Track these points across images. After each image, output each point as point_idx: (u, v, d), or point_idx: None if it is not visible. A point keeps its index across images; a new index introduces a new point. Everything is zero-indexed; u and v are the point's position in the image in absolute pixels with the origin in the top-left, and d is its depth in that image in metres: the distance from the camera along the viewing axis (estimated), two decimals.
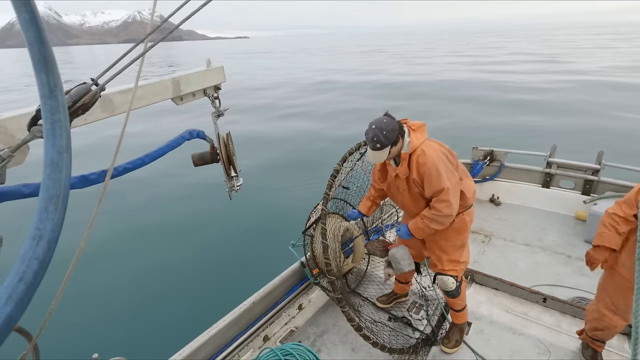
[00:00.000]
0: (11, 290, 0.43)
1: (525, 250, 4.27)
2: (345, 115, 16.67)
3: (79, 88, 1.05)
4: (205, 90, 1.82)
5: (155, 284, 5.90)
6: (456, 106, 17.29)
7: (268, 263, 4.96)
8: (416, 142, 2.37)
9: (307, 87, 26.60)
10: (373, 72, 34.38)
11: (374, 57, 55.19)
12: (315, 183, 8.39)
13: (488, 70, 30.37)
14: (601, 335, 2.65)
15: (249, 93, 24.45)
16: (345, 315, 2.65)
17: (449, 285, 2.77)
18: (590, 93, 18.69)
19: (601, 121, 13.50)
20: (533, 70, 29.71)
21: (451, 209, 2.38)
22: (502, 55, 46.35)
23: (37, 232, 0.46)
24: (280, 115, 17.72)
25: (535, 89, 20.60)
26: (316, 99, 21.57)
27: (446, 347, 2.97)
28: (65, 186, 0.50)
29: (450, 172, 2.40)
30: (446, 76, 28.31)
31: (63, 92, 0.54)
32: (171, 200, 9.00)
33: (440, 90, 21.87)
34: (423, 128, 2.48)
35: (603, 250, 2.42)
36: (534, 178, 5.23)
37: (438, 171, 2.33)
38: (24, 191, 1.21)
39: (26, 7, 0.50)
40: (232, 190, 1.97)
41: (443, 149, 2.49)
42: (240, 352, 2.85)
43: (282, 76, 34.95)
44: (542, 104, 16.84)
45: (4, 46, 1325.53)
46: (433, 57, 48.56)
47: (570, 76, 24.79)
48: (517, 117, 14.67)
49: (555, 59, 35.18)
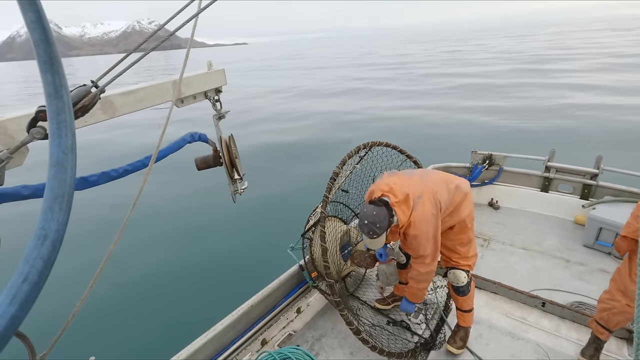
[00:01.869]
0: (15, 291, 0.43)
1: (524, 255, 4.28)
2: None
3: (79, 90, 1.05)
4: (206, 92, 1.82)
5: (155, 286, 5.88)
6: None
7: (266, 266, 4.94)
8: (403, 219, 2.41)
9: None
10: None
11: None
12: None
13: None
14: (607, 317, 2.69)
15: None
16: (344, 319, 2.64)
17: (460, 279, 2.80)
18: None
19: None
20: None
21: (430, 267, 2.58)
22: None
23: (41, 231, 0.46)
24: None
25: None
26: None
27: (452, 346, 2.97)
28: (70, 186, 0.50)
29: (434, 231, 2.48)
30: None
31: (69, 93, 0.54)
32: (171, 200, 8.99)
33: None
34: (407, 199, 2.42)
35: (629, 240, 2.51)
36: (533, 182, 5.24)
37: (420, 242, 2.47)
38: (23, 192, 1.20)
39: (32, 6, 0.50)
40: (236, 193, 1.96)
41: (432, 208, 2.46)
42: (238, 355, 2.84)
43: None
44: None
45: (5, 59, 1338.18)
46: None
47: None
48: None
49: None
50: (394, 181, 2.52)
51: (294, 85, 31.76)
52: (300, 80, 35.33)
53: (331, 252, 3.10)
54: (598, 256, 4.15)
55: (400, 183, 2.49)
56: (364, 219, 2.36)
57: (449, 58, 47.73)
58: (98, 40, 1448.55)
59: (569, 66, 29.49)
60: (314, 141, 13.60)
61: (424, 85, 25.91)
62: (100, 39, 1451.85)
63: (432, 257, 2.54)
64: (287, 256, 3.40)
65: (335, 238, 3.28)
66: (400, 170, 3.06)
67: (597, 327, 2.77)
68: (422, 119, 15.76)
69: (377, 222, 2.33)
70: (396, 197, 2.41)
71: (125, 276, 6.13)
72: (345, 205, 3.62)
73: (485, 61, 39.57)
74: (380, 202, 2.39)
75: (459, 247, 2.80)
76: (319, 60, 66.53)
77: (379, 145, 3.37)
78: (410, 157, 3.65)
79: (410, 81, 28.65)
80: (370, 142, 3.30)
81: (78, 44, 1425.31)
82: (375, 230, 2.35)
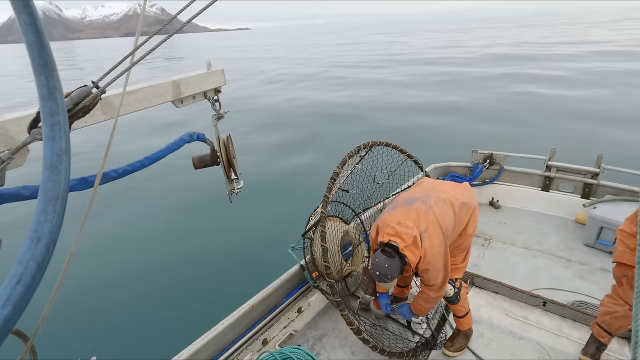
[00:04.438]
0: (9, 292, 0.43)
1: (525, 254, 4.27)
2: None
3: (80, 91, 1.05)
4: (206, 92, 1.82)
5: (153, 286, 5.89)
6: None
7: (267, 266, 4.95)
8: (414, 260, 2.38)
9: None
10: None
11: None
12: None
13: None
14: (609, 321, 2.67)
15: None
16: (345, 319, 2.64)
17: (446, 291, 2.78)
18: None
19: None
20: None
21: (440, 293, 2.60)
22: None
23: (35, 234, 0.46)
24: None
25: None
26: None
27: (448, 349, 2.97)
28: (64, 188, 0.50)
29: (444, 260, 2.47)
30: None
31: (62, 95, 0.54)
32: (170, 201, 9.00)
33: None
34: (415, 241, 2.36)
35: (620, 266, 2.51)
36: (534, 181, 5.23)
37: (431, 274, 2.48)
38: (24, 193, 1.21)
39: (26, 8, 0.50)
40: (233, 192, 1.97)
41: (440, 238, 2.43)
42: (239, 355, 2.84)
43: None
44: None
45: (6, 42, 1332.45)
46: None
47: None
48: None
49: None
50: (397, 221, 2.43)
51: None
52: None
53: (332, 252, 3.10)
54: (599, 255, 4.14)
55: (405, 223, 2.41)
56: (376, 270, 2.35)
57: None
58: (99, 23, 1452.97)
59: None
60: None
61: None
62: (102, 22, 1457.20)
63: (442, 284, 2.55)
64: (288, 256, 3.40)
65: (335, 238, 3.28)
66: (399, 197, 2.85)
67: (599, 331, 2.75)
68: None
69: (389, 274, 2.34)
70: (404, 241, 2.35)
71: (125, 276, 6.15)
72: (345, 205, 3.62)
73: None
74: (391, 249, 2.35)
75: (455, 252, 2.77)
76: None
77: (379, 145, 3.36)
78: (411, 157, 3.65)
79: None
80: (370, 141, 3.30)
81: (79, 26, 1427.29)
82: (386, 280, 2.37)
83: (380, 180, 3.63)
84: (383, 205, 3.98)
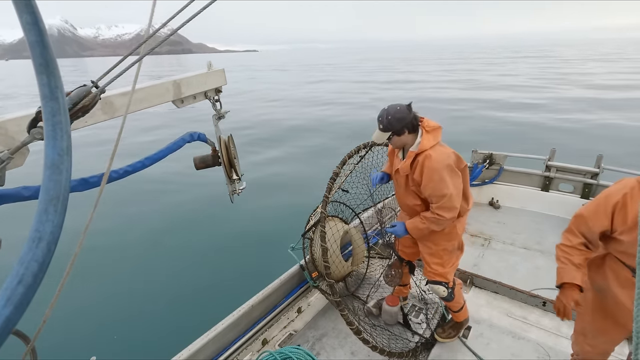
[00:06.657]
0: (10, 293, 0.43)
1: (525, 254, 4.27)
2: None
3: (79, 90, 1.05)
4: (206, 92, 1.82)
5: (153, 286, 5.88)
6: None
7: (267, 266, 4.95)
8: (426, 145, 2.30)
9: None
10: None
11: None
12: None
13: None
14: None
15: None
16: (345, 319, 2.64)
17: (440, 292, 2.79)
18: None
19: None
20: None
21: (454, 214, 2.39)
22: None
23: (36, 234, 0.46)
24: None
25: None
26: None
27: (439, 336, 3.03)
28: (65, 188, 0.50)
29: (456, 177, 2.36)
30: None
31: (64, 94, 0.54)
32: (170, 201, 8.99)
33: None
34: (437, 131, 2.36)
35: (568, 290, 2.05)
36: (534, 181, 5.23)
37: (441, 177, 2.28)
38: (24, 194, 1.20)
39: (28, 8, 0.50)
40: (234, 193, 1.97)
41: (452, 155, 2.39)
42: (238, 355, 2.84)
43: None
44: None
45: (21, 57, 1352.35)
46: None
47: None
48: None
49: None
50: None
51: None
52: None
53: (331, 252, 3.10)
54: None
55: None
56: (386, 106, 2.30)
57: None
58: (111, 42, 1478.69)
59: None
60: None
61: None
62: (114, 41, 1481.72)
63: (456, 199, 2.34)
64: (287, 256, 3.40)
65: (335, 238, 3.28)
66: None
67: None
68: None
69: (390, 115, 2.26)
70: (429, 125, 2.33)
71: (124, 276, 6.14)
72: (345, 205, 3.62)
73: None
74: (410, 114, 2.30)
75: (441, 252, 2.70)
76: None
77: (379, 145, 3.36)
78: None
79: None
80: (370, 141, 3.30)
81: (92, 44, 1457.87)
82: (383, 120, 2.28)
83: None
84: (383, 206, 3.98)
